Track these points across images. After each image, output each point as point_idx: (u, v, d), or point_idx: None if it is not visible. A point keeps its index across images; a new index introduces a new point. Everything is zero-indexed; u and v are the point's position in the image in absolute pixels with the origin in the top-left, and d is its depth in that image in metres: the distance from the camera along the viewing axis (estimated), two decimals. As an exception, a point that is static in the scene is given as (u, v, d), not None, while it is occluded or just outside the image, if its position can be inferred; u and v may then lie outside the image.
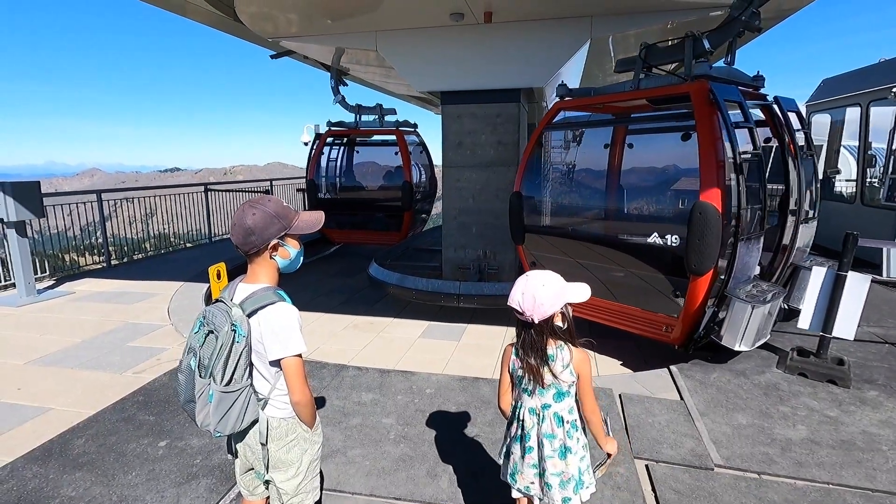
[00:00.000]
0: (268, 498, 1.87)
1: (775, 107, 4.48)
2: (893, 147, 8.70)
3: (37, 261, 6.90)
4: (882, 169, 8.90)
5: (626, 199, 5.39)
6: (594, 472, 1.81)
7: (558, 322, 1.70)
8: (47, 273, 7.08)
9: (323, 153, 9.57)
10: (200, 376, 1.58)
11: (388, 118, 9.47)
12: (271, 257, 1.65)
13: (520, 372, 1.73)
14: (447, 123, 6.93)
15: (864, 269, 7.02)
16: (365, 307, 6.74)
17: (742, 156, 3.63)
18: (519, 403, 1.78)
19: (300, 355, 1.61)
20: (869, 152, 8.53)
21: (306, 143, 13.61)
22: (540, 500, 1.79)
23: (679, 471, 2.68)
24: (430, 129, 10.99)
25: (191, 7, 6.51)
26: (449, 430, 3.07)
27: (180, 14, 6.82)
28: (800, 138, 4.59)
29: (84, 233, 8.72)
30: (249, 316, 1.57)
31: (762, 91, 4.53)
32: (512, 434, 1.81)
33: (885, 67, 7.93)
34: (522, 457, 1.77)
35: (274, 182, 12.87)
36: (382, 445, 2.91)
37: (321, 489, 1.85)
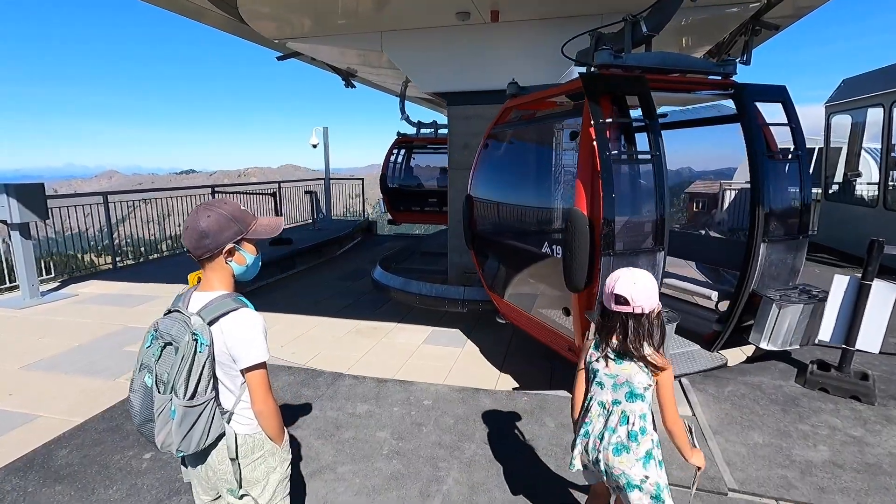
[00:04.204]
0: None
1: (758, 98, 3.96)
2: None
3: (42, 263, 6.92)
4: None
5: (542, 204, 5.09)
6: (691, 492, 1.80)
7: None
8: (52, 275, 7.09)
9: (393, 155, 12.18)
10: (160, 392, 1.47)
11: (442, 131, 11.50)
12: (226, 262, 1.57)
13: (596, 365, 1.75)
14: (453, 124, 6.80)
15: (887, 276, 6.74)
16: (369, 312, 6.62)
17: (638, 156, 3.30)
18: (590, 396, 1.80)
19: (265, 364, 1.54)
20: (892, 154, 8.22)
21: (314, 146, 13.64)
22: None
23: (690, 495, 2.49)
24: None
25: (209, 14, 6.53)
26: (445, 446, 2.92)
27: (197, 19, 6.86)
28: (786, 135, 4.00)
29: (101, 234, 8.80)
30: (210, 324, 1.48)
31: (735, 79, 4.02)
32: (581, 423, 1.81)
33: (909, 66, 7.64)
34: (586, 448, 1.79)
35: (283, 184, 12.86)
36: (374, 461, 2.77)
37: None
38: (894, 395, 3.50)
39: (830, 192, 9.62)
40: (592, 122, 3.19)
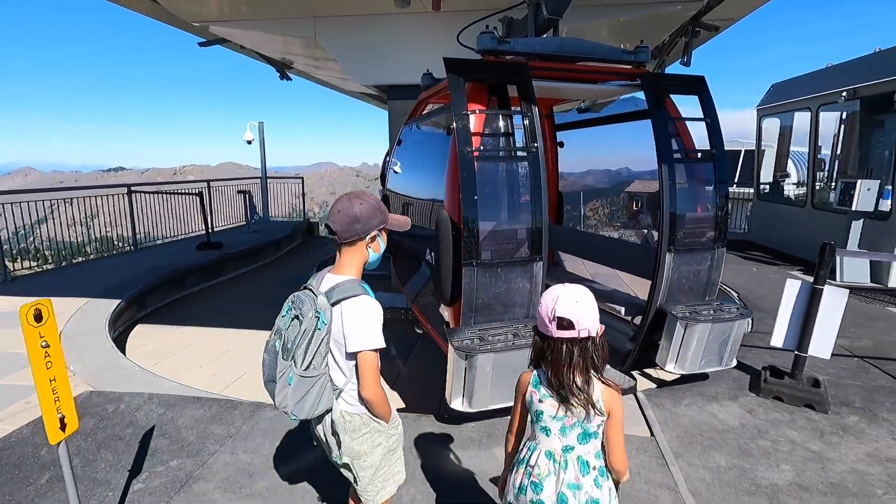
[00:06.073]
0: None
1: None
2: (838, 151, 8.83)
3: None
4: (826, 173, 9.00)
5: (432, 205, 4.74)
6: None
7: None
8: (-79, 290, 6.01)
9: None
10: (283, 358, 1.59)
11: None
12: (366, 248, 1.70)
13: (539, 406, 1.47)
14: (394, 120, 6.36)
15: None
16: (304, 323, 6.06)
17: (513, 153, 3.01)
18: (532, 445, 1.51)
19: (377, 351, 1.61)
20: (818, 156, 8.59)
21: (249, 142, 12.76)
22: None
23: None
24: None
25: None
26: (380, 491, 2.50)
27: (123, 5, 6.10)
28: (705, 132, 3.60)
29: (16, 237, 7.73)
30: (333, 305, 1.59)
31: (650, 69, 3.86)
32: (516, 483, 1.50)
33: (834, 72, 7.97)
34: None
35: (213, 183, 11.87)
36: (292, 519, 2.31)
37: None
38: (845, 402, 3.43)
39: (762, 192, 9.99)
40: (454, 113, 2.85)
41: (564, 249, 5.88)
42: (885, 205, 6.54)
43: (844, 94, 7.37)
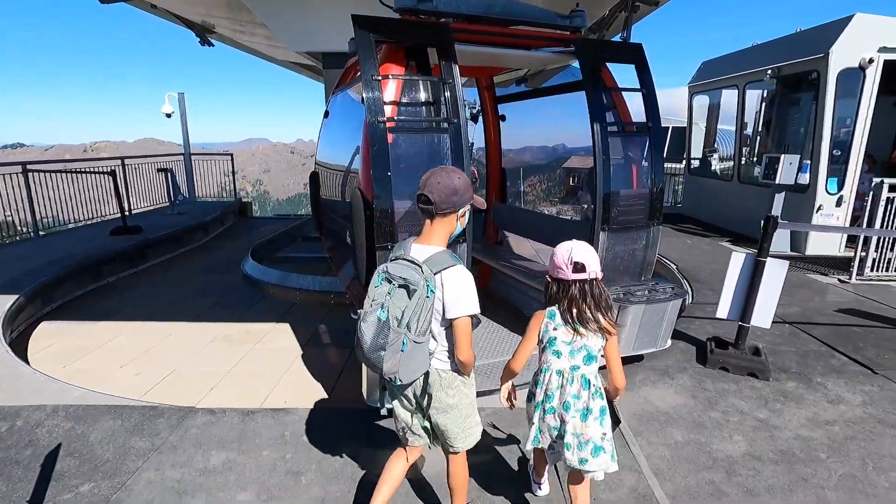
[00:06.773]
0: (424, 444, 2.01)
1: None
2: (759, 128, 9.34)
3: None
4: (749, 148, 9.53)
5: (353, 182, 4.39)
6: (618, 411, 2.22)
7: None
8: None
9: None
10: (397, 327, 1.64)
11: None
12: (456, 220, 1.80)
13: (553, 333, 1.82)
14: (330, 91, 5.93)
15: (743, 244, 7.38)
16: (240, 311, 5.62)
17: (432, 124, 2.80)
18: (545, 368, 1.86)
19: (472, 316, 1.73)
20: (744, 132, 9.04)
21: (169, 115, 11.63)
22: (556, 459, 1.92)
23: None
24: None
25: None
26: (331, 502, 2.28)
27: None
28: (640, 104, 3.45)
29: None
30: (435, 275, 1.68)
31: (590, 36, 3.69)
32: (536, 400, 1.89)
33: (760, 51, 8.33)
34: (543, 418, 1.86)
35: (127, 161, 10.74)
36: (232, 543, 2.04)
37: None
38: (782, 367, 3.59)
39: (692, 167, 10.44)
40: (363, 78, 2.61)
41: (508, 228, 5.78)
42: (804, 178, 6.98)
43: (769, 72, 7.71)
